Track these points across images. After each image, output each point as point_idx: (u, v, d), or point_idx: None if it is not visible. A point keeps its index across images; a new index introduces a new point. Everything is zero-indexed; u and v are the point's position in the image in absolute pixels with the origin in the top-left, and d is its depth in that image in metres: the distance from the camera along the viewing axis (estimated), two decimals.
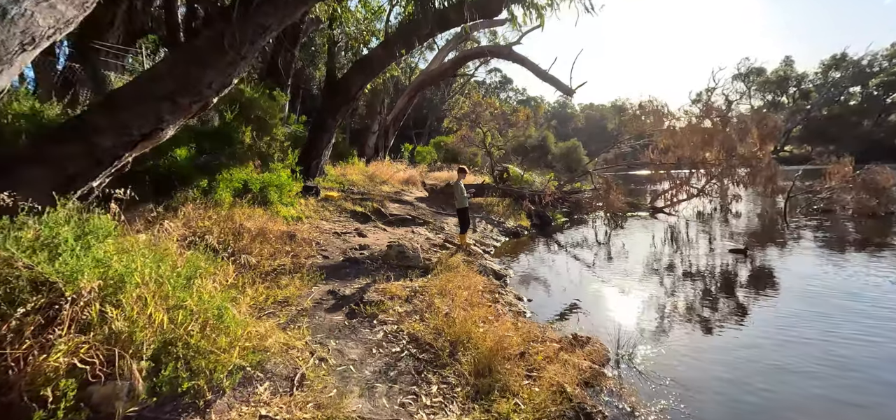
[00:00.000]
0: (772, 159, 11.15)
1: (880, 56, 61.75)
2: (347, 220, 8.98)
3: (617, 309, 6.00)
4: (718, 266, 8.30)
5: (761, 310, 5.90)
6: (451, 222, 11.15)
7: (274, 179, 8.24)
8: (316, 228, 7.65)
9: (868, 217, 11.11)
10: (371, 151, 20.02)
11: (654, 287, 7.03)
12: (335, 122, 11.45)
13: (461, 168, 8.43)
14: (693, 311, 5.93)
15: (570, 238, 11.80)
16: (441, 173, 22.57)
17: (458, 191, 8.16)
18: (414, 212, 11.24)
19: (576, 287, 7.19)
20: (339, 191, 11.19)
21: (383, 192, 12.83)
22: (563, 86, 16.45)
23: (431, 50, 39.51)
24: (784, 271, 7.72)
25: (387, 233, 8.58)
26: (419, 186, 16.69)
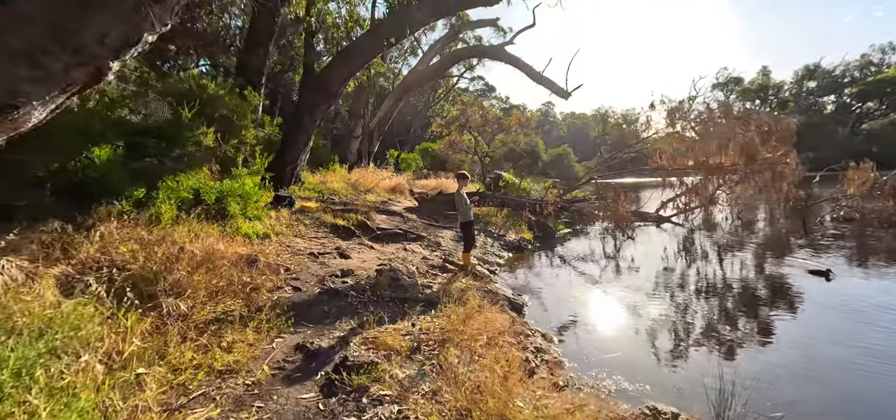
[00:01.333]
0: (798, 164, 10.22)
1: (852, 67, 63.73)
2: (327, 236, 7.51)
3: (676, 352, 4.72)
4: (792, 288, 7.04)
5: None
6: (447, 236, 9.78)
7: (236, 188, 6.72)
8: (287, 248, 6.16)
9: (887, 225, 10.27)
10: (354, 157, 18.52)
11: (706, 314, 5.80)
12: (313, 122, 9.98)
13: (461, 174, 7.09)
14: (792, 347, 4.65)
15: (577, 251, 10.58)
16: (428, 181, 21.25)
17: (461, 202, 6.81)
18: (404, 224, 9.82)
19: (608, 317, 5.91)
20: (317, 201, 9.70)
21: (369, 202, 11.38)
22: (557, 88, 15.39)
23: (415, 56, 38.42)
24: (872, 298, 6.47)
25: (375, 251, 7.14)
26: (407, 195, 15.28)
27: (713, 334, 5.13)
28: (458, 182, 7.01)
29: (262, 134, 14.09)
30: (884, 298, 6.21)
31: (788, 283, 7.20)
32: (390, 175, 16.55)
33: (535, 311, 5.94)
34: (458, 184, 6.97)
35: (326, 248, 6.58)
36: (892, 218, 10.32)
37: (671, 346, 4.83)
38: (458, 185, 6.98)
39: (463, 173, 7.09)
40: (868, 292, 6.63)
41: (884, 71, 59.25)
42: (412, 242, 8.33)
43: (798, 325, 5.44)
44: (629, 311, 6.03)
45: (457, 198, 6.92)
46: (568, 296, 6.79)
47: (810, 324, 5.45)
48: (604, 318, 5.91)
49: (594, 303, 6.50)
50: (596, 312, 6.14)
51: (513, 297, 5.95)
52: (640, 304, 6.31)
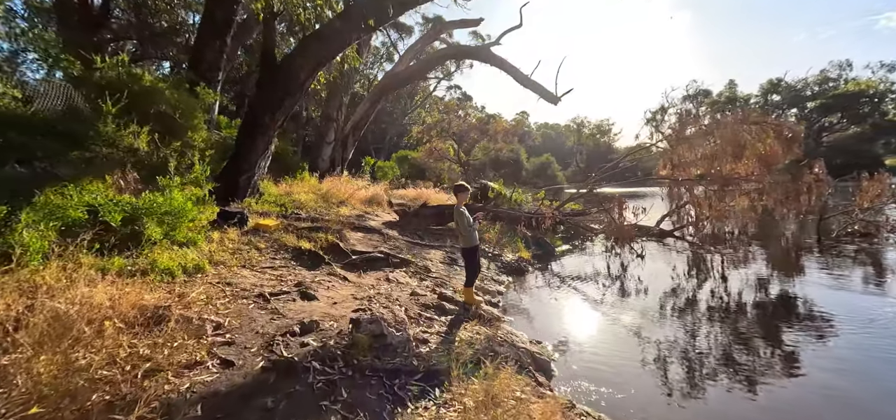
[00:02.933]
0: (825, 172, 9.29)
1: (812, 82, 66.67)
2: (287, 264, 5.81)
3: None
4: (820, 310, 5.92)
5: None
6: (435, 258, 8.23)
7: (160, 204, 4.97)
8: (226, 289, 4.46)
9: None
10: (326, 165, 16.73)
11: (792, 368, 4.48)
12: (274, 122, 8.27)
13: (460, 186, 5.56)
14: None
15: (581, 271, 9.26)
16: (407, 191, 19.69)
17: (462, 221, 5.31)
18: (385, 244, 8.21)
19: (662, 374, 4.50)
20: (279, 217, 7.96)
21: (342, 217, 9.70)
22: (546, 93, 14.25)
23: (390, 61, 36.98)
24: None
25: (349, 285, 5.51)
26: (386, 207, 13.64)
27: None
28: (456, 196, 5.49)
29: (216, 137, 12.19)
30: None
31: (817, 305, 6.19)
32: (366, 184, 14.88)
33: (565, 369, 4.45)
34: (457, 197, 5.45)
35: (284, 285, 4.91)
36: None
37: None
38: (456, 200, 5.46)
39: (461, 185, 5.58)
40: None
41: (841, 86, 62.16)
42: (396, 269, 6.73)
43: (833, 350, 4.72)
44: (680, 358, 4.63)
45: (456, 216, 5.40)
46: (594, 337, 5.35)
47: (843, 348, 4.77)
48: (654, 375, 4.49)
49: (628, 346, 5.09)
50: (638, 363, 4.72)
51: (536, 352, 4.46)
52: (697, 351, 4.94)
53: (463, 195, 5.43)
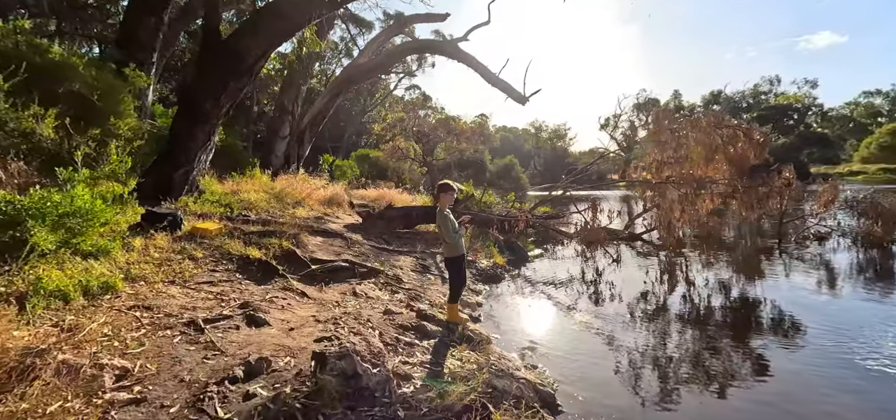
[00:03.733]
0: (795, 176, 9.42)
1: (747, 94, 72.14)
2: (230, 278, 4.78)
3: None
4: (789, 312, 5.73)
5: None
6: (406, 265, 7.41)
7: (58, 203, 3.82)
8: (143, 312, 3.42)
9: (875, 246, 9.86)
10: (279, 162, 15.36)
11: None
12: (218, 109, 7.09)
13: (444, 185, 4.79)
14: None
15: (558, 276, 8.80)
16: (368, 191, 18.67)
17: (446, 226, 4.54)
18: (349, 251, 7.27)
19: (668, 396, 3.97)
20: (223, 219, 6.80)
21: (299, 219, 8.63)
22: (515, 92, 13.84)
23: (349, 56, 35.52)
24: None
25: (309, 303, 4.57)
26: (347, 209, 12.61)
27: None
28: (439, 197, 4.72)
29: (148, 126, 10.63)
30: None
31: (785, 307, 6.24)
32: (325, 184, 13.73)
33: (574, 402, 3.80)
34: (441, 199, 4.68)
35: (226, 306, 3.92)
36: (870, 237, 9.91)
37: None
38: (439, 201, 4.69)
39: (446, 184, 4.80)
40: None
41: (772, 100, 67.71)
42: (364, 281, 5.84)
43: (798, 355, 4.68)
44: (697, 385, 4.14)
45: (439, 220, 4.62)
46: (594, 361, 4.77)
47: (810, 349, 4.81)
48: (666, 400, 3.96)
49: (629, 367, 4.55)
50: (646, 389, 4.18)
51: (537, 383, 3.77)
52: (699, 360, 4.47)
53: (447, 196, 4.66)
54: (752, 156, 9.19)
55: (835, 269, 8.84)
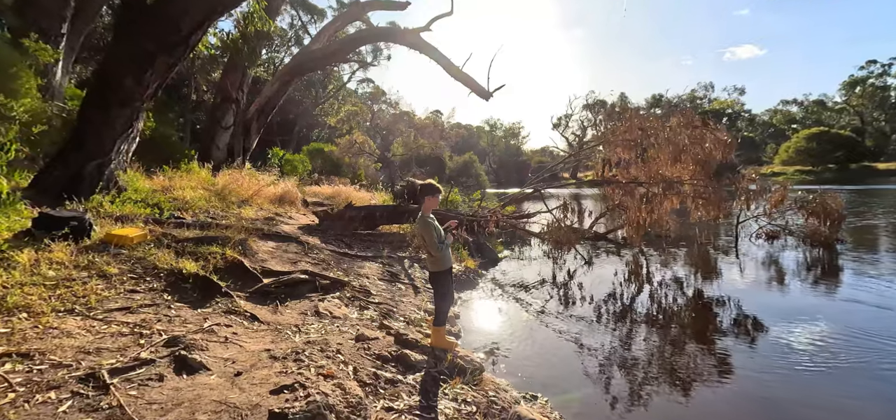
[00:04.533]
0: (758, 177, 9.62)
1: (685, 98, 77.15)
2: (156, 301, 3.75)
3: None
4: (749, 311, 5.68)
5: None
6: (373, 273, 6.59)
7: None
8: (16, 365, 2.41)
9: (820, 245, 10.37)
10: (222, 155, 13.80)
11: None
12: (143, 89, 5.86)
13: (428, 186, 3.99)
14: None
15: (530, 278, 8.46)
16: (322, 188, 17.48)
17: (430, 234, 3.80)
18: (307, 258, 6.33)
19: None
20: (149, 222, 5.62)
21: (246, 221, 7.51)
22: (478, 87, 13.34)
23: (299, 44, 33.52)
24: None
25: (261, 331, 3.67)
26: (300, 207, 11.48)
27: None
28: (423, 201, 3.96)
29: (56, 110, 8.92)
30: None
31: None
32: (275, 180, 12.46)
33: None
34: (425, 203, 3.94)
35: (145, 345, 2.95)
36: (816, 236, 10.39)
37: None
38: (423, 206, 3.95)
39: (430, 185, 4.04)
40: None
41: (706, 105, 72.91)
42: (328, 295, 4.97)
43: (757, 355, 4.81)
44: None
45: (421, 228, 3.89)
46: (590, 378, 4.27)
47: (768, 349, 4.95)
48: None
49: (623, 380, 4.11)
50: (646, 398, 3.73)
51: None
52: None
53: (431, 200, 3.93)
54: (719, 156, 9.28)
55: (786, 268, 9.16)
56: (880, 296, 6.87)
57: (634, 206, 10.21)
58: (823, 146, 55.06)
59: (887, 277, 8.04)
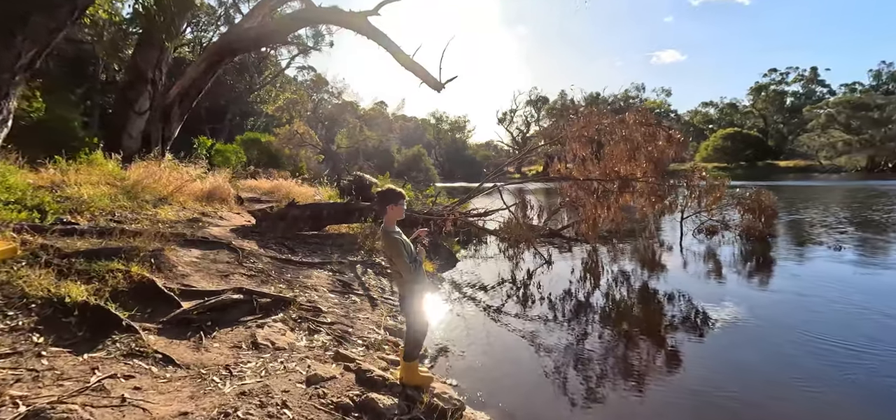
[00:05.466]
0: (707, 174, 9.91)
1: (619, 97, 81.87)
2: (16, 348, 2.71)
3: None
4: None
5: None
6: (321, 282, 5.75)
7: None
8: None
9: (755, 238, 11.01)
10: (135, 144, 11.92)
11: None
12: (14, 57, 4.51)
13: (389, 192, 3.27)
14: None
15: (490, 280, 8.15)
16: (259, 182, 15.96)
17: (398, 250, 3.07)
18: (241, 269, 5.34)
19: None
20: (24, 230, 4.35)
21: (164, 223, 6.29)
22: (430, 78, 12.75)
23: (229, 22, 30.65)
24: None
25: (177, 382, 2.77)
26: (234, 205, 10.15)
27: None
28: (385, 210, 3.22)
29: None
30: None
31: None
32: (202, 173, 10.95)
33: None
34: (388, 214, 3.21)
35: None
36: (752, 231, 11.02)
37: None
38: (386, 216, 3.22)
39: (390, 190, 3.29)
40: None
41: (638, 104, 77.88)
42: (268, 317, 4.09)
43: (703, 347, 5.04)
44: None
45: (385, 242, 3.18)
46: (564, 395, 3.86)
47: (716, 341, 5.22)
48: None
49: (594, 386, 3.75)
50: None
51: None
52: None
53: (395, 209, 3.20)
54: (671, 154, 9.44)
55: (728, 261, 9.65)
56: (809, 284, 7.43)
57: (591, 204, 10.15)
58: (737, 145, 60.95)
59: (814, 268, 8.70)
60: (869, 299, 6.49)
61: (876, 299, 6.51)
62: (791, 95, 75.95)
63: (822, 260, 9.36)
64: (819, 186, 36.52)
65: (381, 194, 3.26)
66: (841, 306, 6.25)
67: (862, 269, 8.69)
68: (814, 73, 73.59)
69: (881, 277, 8.12)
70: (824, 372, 4.26)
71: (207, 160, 14.07)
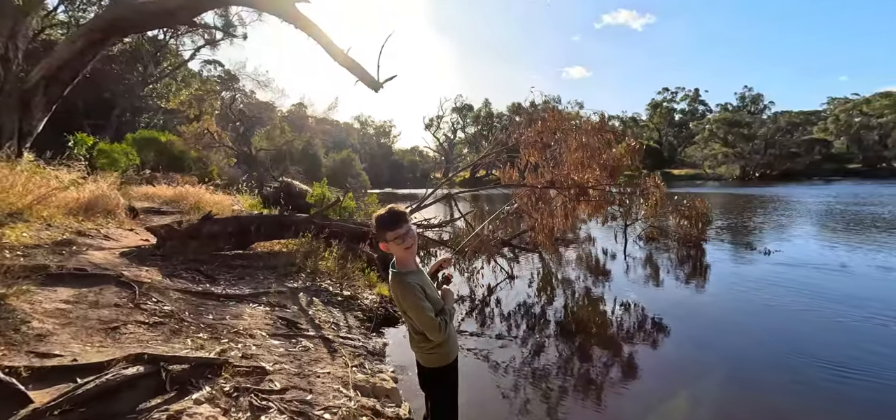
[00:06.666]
0: (661, 184, 10.03)
1: (540, 108, 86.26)
2: None
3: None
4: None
5: None
6: (256, 324, 4.36)
7: None
8: None
9: (689, 244, 11.55)
10: None
11: None
12: None
13: (393, 214, 2.13)
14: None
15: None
16: (160, 189, 13.45)
17: (413, 296, 1.99)
18: (138, 315, 3.79)
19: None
20: None
21: (15, 250, 4.39)
22: (367, 76, 11.63)
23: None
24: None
25: None
26: (126, 218, 8.04)
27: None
28: (389, 243, 2.12)
29: None
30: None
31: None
32: (80, 177, 8.53)
33: None
34: (402, 250, 2.11)
35: None
36: (687, 237, 11.55)
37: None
38: (398, 254, 2.13)
39: (392, 213, 2.15)
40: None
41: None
42: (188, 398, 2.73)
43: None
44: None
45: (400, 292, 2.07)
46: None
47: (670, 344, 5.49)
48: None
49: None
50: None
51: None
52: None
53: (397, 238, 2.11)
54: (627, 162, 9.39)
55: (669, 267, 9.97)
56: (753, 285, 7.98)
57: (548, 212, 9.78)
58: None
59: (754, 270, 9.27)
60: (792, 296, 7.16)
61: (800, 295, 7.16)
62: (679, 112, 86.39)
63: (759, 262, 9.95)
64: (706, 193, 41.57)
65: (380, 218, 2.16)
66: (772, 304, 6.84)
67: (778, 267, 9.40)
68: (696, 93, 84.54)
69: (796, 273, 8.79)
70: (769, 364, 4.69)
71: (87, 162, 11.24)
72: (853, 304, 6.56)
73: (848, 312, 6.26)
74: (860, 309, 6.37)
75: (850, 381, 4.29)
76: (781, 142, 60.63)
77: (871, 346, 5.07)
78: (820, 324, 5.98)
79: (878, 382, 4.26)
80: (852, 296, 7.00)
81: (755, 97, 79.76)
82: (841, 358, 4.77)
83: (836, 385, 4.24)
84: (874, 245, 11.60)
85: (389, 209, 2.20)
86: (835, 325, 5.87)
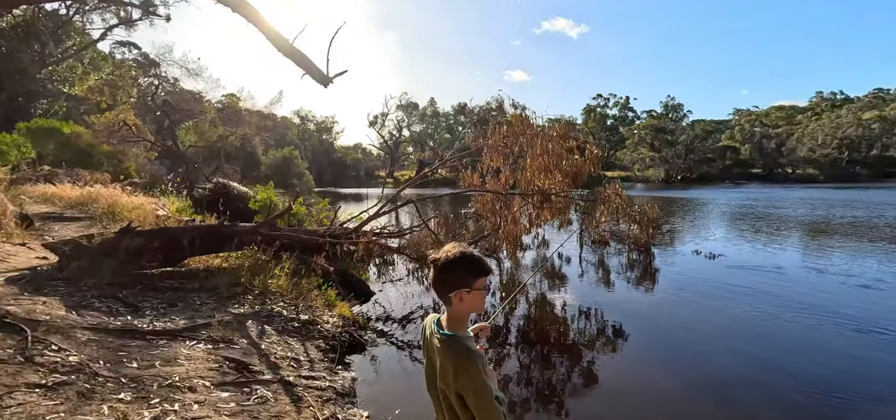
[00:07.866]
0: (621, 189, 10.14)
1: (484, 109, 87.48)
2: None
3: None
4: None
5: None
6: (197, 372, 3.52)
7: None
8: None
9: (641, 248, 11.97)
10: None
11: None
12: None
13: (479, 257, 1.50)
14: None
15: (411, 309, 6.86)
16: (63, 189, 11.64)
17: (471, 374, 1.34)
18: (31, 382, 2.83)
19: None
20: None
21: None
22: (315, 70, 10.66)
23: None
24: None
25: None
26: (14, 228, 6.55)
27: None
28: (472, 294, 1.48)
29: None
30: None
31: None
32: None
33: None
34: (459, 300, 1.48)
35: None
36: (638, 241, 11.94)
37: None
38: (469, 304, 1.50)
39: (465, 256, 1.48)
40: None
41: (503, 117, 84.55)
42: None
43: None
44: None
45: (455, 363, 1.39)
46: None
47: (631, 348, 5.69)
48: None
49: None
50: None
51: None
52: None
53: (482, 301, 1.53)
54: (589, 169, 9.41)
55: (623, 270, 10.27)
56: (706, 286, 8.59)
57: (512, 217, 9.58)
58: None
59: (702, 272, 9.75)
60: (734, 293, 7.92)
61: (745, 296, 7.75)
62: (611, 117, 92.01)
63: (702, 265, 10.51)
64: (635, 195, 44.53)
65: (446, 265, 1.54)
66: (719, 307, 7.32)
67: (724, 270, 10.00)
68: (627, 100, 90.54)
69: (740, 276, 9.39)
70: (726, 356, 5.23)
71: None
72: (799, 306, 7.21)
73: (791, 312, 6.88)
74: (800, 307, 7.09)
75: (787, 370, 4.85)
76: (700, 148, 66.86)
77: (805, 337, 5.88)
78: (763, 323, 6.45)
79: (808, 363, 5.06)
80: (794, 297, 7.69)
81: (676, 106, 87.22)
82: (779, 353, 5.39)
83: (774, 375, 4.74)
84: (799, 247, 12.89)
85: (469, 250, 1.56)
86: (780, 324, 6.42)
